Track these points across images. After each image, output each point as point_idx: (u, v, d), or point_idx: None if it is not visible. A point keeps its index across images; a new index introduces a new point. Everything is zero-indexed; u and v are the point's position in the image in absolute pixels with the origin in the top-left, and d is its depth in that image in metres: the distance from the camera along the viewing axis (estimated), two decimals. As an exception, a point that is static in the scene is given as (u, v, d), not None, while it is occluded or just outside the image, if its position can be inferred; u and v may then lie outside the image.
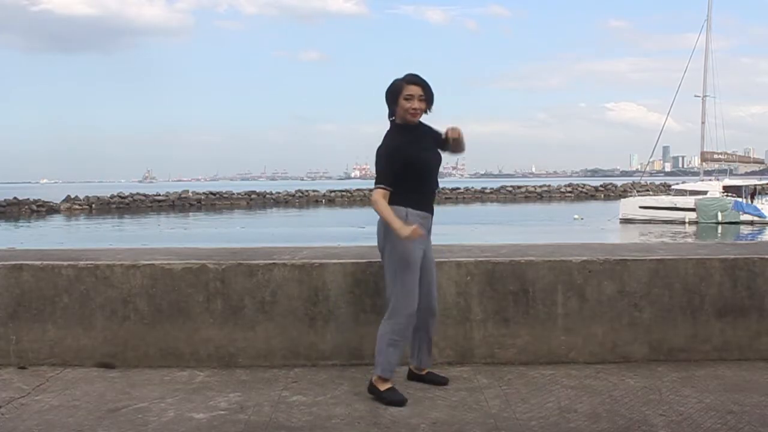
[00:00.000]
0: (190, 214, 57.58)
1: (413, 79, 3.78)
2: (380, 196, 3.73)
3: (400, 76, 3.82)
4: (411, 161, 3.76)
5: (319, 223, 44.39)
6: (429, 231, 3.92)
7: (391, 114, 3.86)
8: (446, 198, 75.01)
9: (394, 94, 3.79)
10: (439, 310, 4.09)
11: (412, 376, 4.07)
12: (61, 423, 3.48)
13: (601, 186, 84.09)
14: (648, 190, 50.41)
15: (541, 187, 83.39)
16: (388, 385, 3.79)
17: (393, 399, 3.71)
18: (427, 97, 3.81)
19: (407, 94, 3.75)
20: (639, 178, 72.27)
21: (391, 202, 3.74)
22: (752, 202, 38.17)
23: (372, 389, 3.81)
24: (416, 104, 3.76)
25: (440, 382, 4.01)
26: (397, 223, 3.64)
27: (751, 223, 36.70)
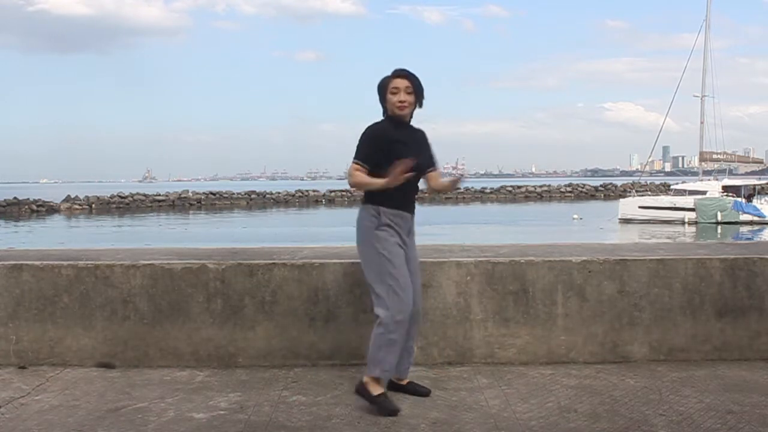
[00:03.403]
0: (190, 214, 57.58)
1: (398, 73, 3.74)
2: (354, 170, 3.68)
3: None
4: (393, 154, 3.62)
5: (319, 223, 44.39)
6: (410, 232, 3.82)
7: (384, 112, 3.82)
8: (446, 198, 74.94)
9: (382, 90, 3.78)
10: (424, 312, 3.93)
11: (392, 386, 3.83)
12: (61, 423, 3.48)
13: (601, 186, 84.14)
14: (647, 190, 50.43)
15: (541, 187, 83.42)
16: (380, 391, 3.64)
17: (386, 407, 3.57)
18: (416, 90, 3.74)
19: (393, 87, 3.72)
20: (639, 178, 72.27)
21: (365, 200, 3.73)
22: (750, 202, 38.16)
23: (361, 390, 3.67)
24: (403, 96, 3.70)
25: (423, 393, 3.82)
26: (379, 182, 3.59)
27: (751, 223, 36.72)
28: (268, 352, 4.40)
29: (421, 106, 3.82)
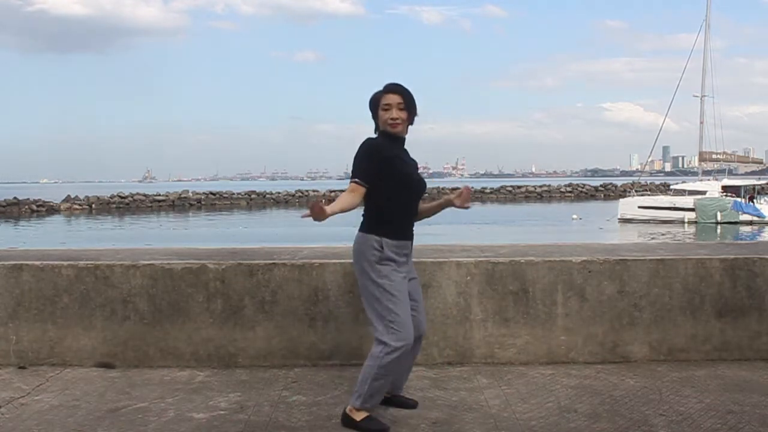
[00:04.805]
0: (190, 214, 57.57)
1: (390, 88, 3.54)
2: (350, 190, 3.43)
3: (390, 80, 3.63)
4: (394, 169, 3.47)
5: (319, 223, 44.31)
6: (408, 255, 3.57)
7: (376, 128, 3.63)
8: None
9: (373, 105, 3.60)
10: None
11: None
12: (61, 423, 3.48)
13: (601, 186, 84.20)
14: (647, 190, 50.44)
15: (541, 187, 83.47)
16: (364, 415, 3.43)
17: (372, 428, 3.38)
18: (408, 106, 3.52)
19: (384, 104, 3.51)
20: (638, 177, 72.29)
21: (366, 229, 3.48)
22: (751, 202, 38.17)
23: (346, 421, 3.44)
24: (395, 113, 3.48)
25: (409, 405, 3.65)
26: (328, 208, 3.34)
27: (750, 223, 36.72)
28: (268, 352, 4.40)
29: (412, 122, 3.62)
